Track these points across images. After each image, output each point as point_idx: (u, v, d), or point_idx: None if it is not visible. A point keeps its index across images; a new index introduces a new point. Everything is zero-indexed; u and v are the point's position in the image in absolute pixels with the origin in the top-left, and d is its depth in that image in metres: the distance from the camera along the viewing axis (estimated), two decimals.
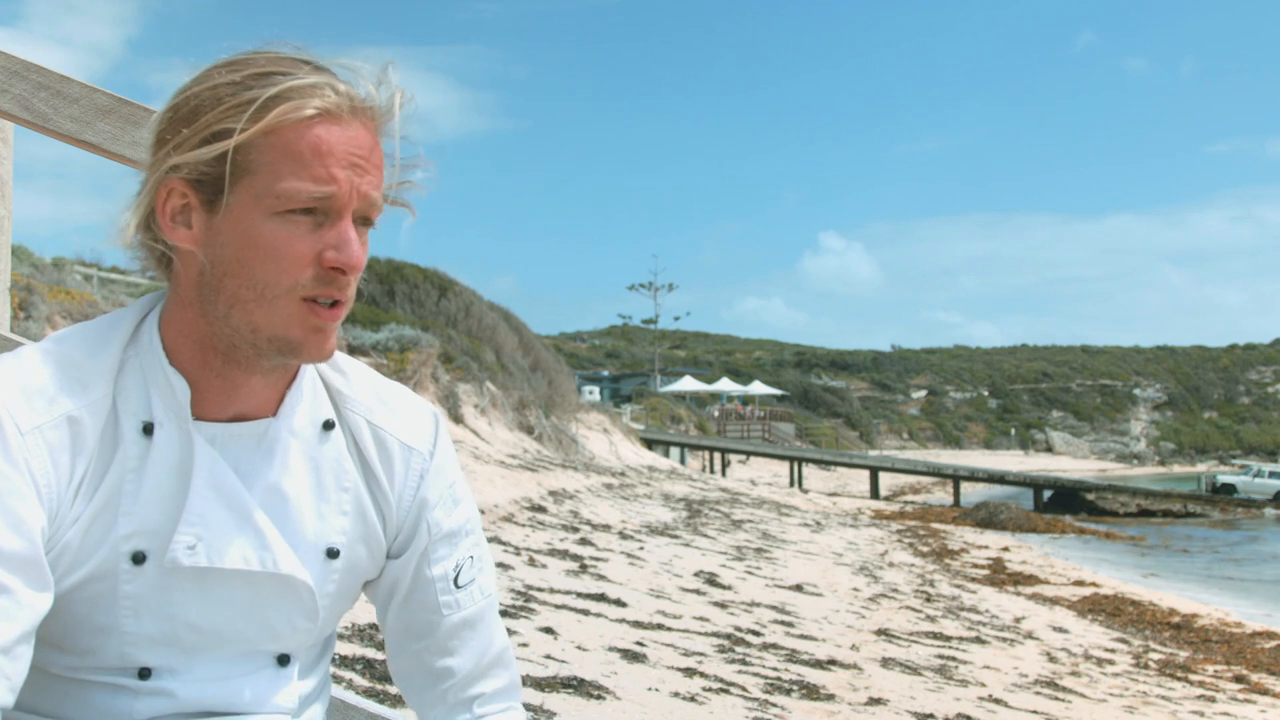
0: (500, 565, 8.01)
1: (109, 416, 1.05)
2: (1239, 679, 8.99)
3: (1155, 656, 9.69)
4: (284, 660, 1.14)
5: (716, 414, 55.66)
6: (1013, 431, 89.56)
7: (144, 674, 1.07)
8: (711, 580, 10.03)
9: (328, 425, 1.15)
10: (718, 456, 41.11)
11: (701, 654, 6.39)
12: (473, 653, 1.21)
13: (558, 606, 6.96)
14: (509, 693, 1.25)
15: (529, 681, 4.68)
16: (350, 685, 4.15)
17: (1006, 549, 19.23)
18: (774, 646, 7.13)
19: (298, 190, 1.01)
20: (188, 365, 1.07)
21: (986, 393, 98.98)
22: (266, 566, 1.08)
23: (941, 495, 38.71)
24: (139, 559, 1.04)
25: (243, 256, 1.02)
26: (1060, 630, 10.51)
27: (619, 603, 7.64)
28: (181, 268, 1.06)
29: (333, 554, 1.14)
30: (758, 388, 65.51)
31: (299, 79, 1.02)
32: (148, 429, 1.05)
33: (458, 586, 1.20)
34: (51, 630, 1.04)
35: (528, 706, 3.79)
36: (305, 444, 1.13)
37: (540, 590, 7.44)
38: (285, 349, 1.04)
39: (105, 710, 1.07)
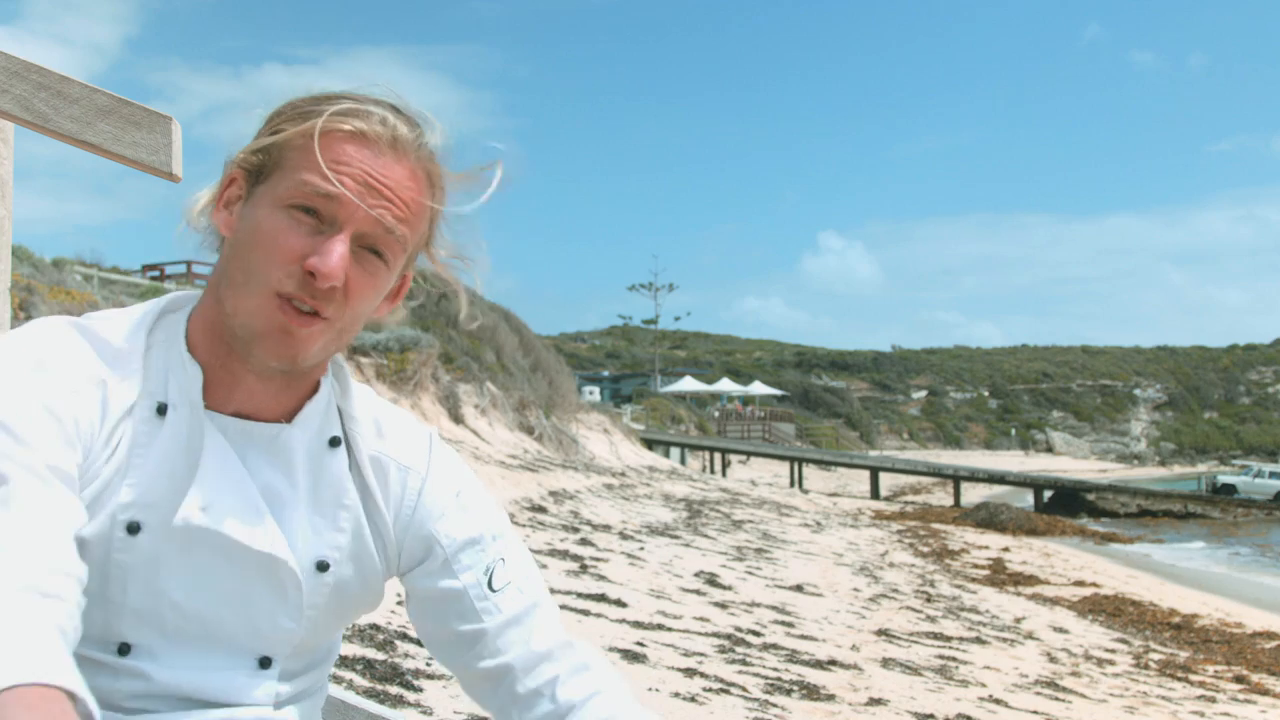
0: None
1: (134, 394, 1.09)
2: (1239, 679, 8.99)
3: (1155, 657, 9.69)
4: (265, 663, 1.15)
5: (717, 414, 55.66)
6: (1013, 432, 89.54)
7: (124, 650, 1.08)
8: (712, 580, 10.03)
9: (334, 442, 1.17)
10: (718, 457, 41.10)
11: (702, 654, 6.39)
12: (524, 646, 1.19)
13: (558, 607, 6.95)
14: (587, 667, 1.21)
15: None
16: (350, 685, 4.15)
17: (1007, 549, 19.23)
18: (774, 647, 7.13)
19: (303, 183, 1.05)
20: (201, 352, 1.11)
21: (987, 393, 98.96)
22: (261, 546, 1.10)
23: (942, 496, 38.69)
24: (133, 529, 1.06)
25: (247, 240, 1.07)
26: (1060, 630, 10.51)
27: (619, 603, 7.65)
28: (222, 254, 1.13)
29: (322, 567, 1.15)
30: (758, 388, 65.50)
31: (357, 104, 1.08)
32: (161, 409, 1.09)
33: (493, 590, 1.19)
34: None
35: None
36: (311, 457, 1.15)
37: None
38: (249, 341, 1.06)
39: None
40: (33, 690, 0.78)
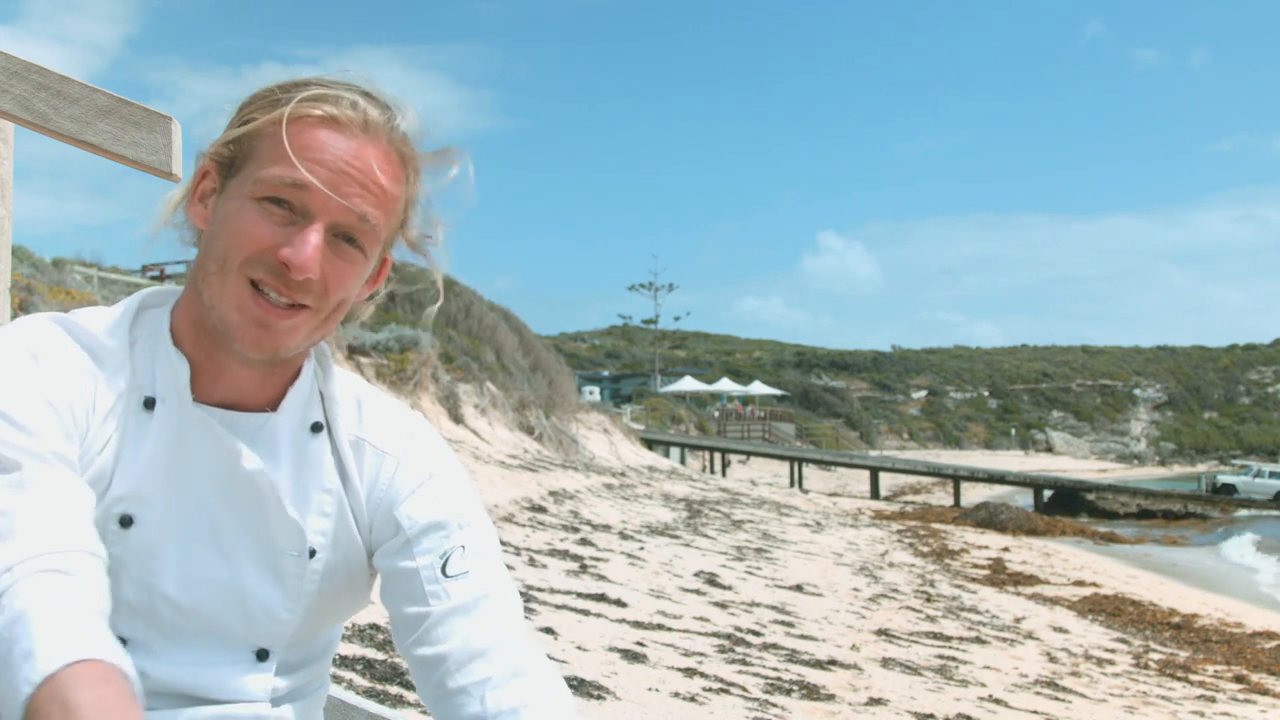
0: None
1: (121, 388, 1.09)
2: (1239, 679, 8.99)
3: (1155, 657, 9.68)
4: (262, 655, 1.14)
5: (716, 414, 55.64)
6: (1013, 432, 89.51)
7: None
8: (712, 580, 10.03)
9: (316, 427, 1.17)
10: (718, 457, 41.10)
11: (702, 654, 6.38)
12: (463, 639, 1.11)
13: (558, 607, 6.95)
14: (524, 673, 1.11)
15: None
16: (350, 685, 4.15)
17: (1007, 549, 19.23)
18: (774, 647, 7.13)
19: (273, 175, 1.04)
20: (186, 345, 1.11)
21: (987, 393, 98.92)
22: (293, 514, 1.12)
23: (942, 495, 38.67)
24: (126, 522, 1.07)
25: (220, 232, 1.07)
26: (1060, 630, 10.51)
27: (619, 603, 7.64)
28: (199, 248, 1.12)
29: (310, 553, 1.15)
30: (758, 388, 65.49)
31: (325, 89, 1.06)
32: (148, 403, 1.09)
33: (446, 576, 1.14)
34: None
35: None
36: (295, 443, 1.15)
37: (540, 590, 7.44)
38: (227, 333, 1.06)
39: None
40: (91, 666, 0.80)
